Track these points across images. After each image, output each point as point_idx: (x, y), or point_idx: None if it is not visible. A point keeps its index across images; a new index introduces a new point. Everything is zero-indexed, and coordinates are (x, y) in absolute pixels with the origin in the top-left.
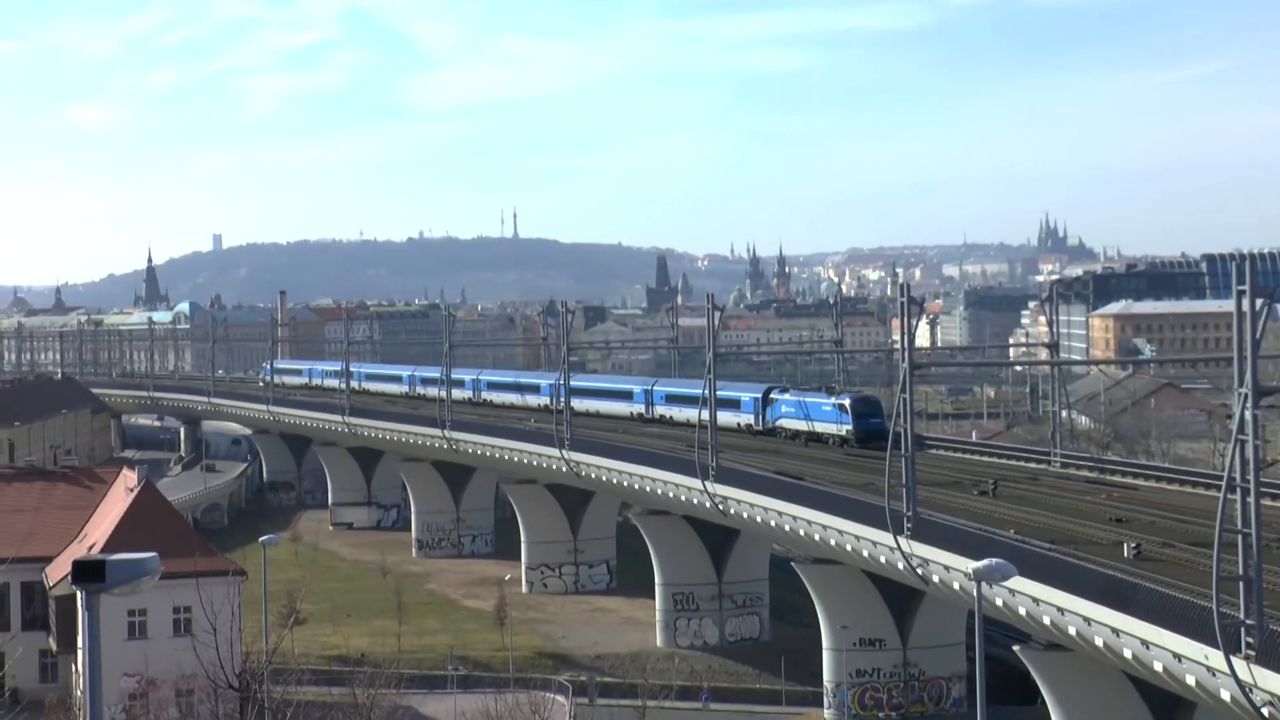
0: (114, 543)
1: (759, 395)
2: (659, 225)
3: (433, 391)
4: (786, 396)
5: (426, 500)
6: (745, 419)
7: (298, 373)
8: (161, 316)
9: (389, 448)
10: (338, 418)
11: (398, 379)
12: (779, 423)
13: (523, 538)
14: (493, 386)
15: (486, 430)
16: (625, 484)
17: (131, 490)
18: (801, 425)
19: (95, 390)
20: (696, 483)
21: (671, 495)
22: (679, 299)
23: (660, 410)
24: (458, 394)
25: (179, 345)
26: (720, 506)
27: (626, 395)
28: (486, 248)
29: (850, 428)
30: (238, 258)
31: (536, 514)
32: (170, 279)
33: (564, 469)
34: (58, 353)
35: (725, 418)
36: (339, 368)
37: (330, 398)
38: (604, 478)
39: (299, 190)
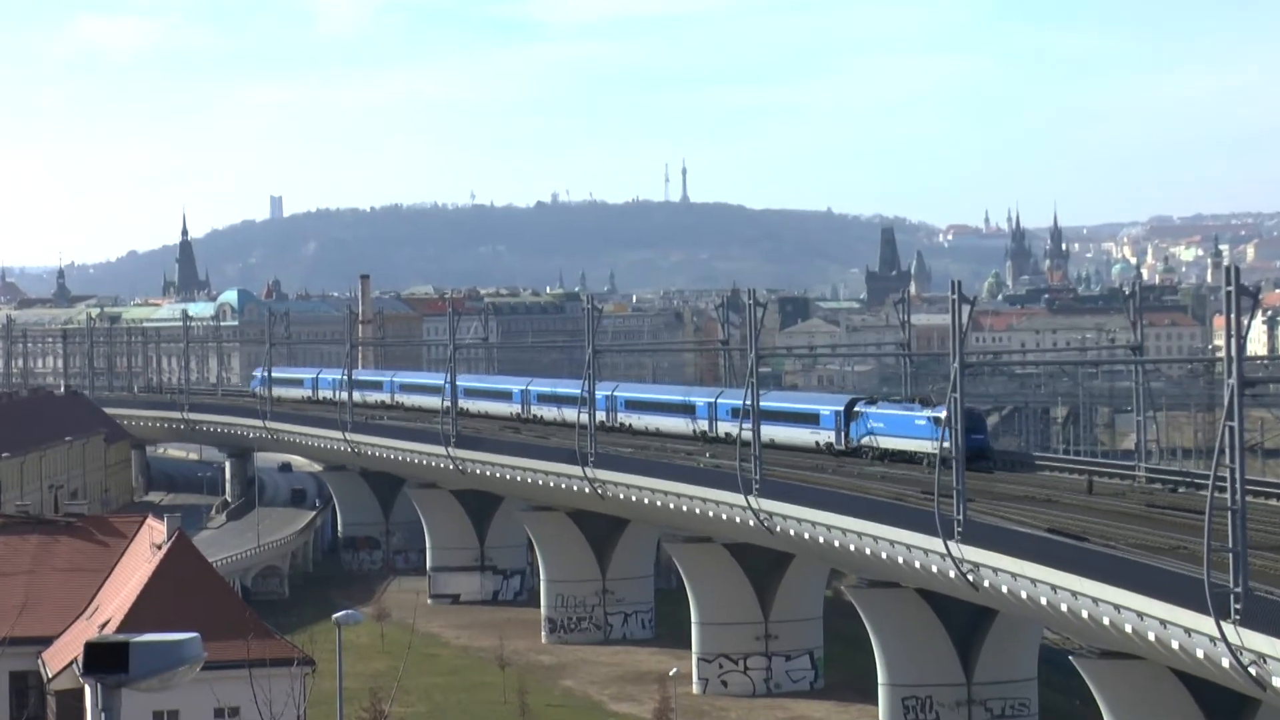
0: (136, 619)
1: (841, 408)
2: (886, 186)
3: (478, 406)
4: (874, 409)
5: (561, 565)
6: (825, 436)
7: (299, 383)
8: (200, 309)
9: (510, 491)
10: (440, 449)
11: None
12: (865, 440)
13: (694, 617)
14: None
15: (644, 469)
16: (836, 544)
17: (159, 547)
18: (891, 443)
19: (110, 410)
20: (936, 542)
21: (901, 560)
22: (912, 287)
23: (723, 427)
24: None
25: (224, 349)
26: (970, 577)
27: (688, 410)
28: (644, 216)
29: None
30: (304, 229)
31: (713, 585)
32: (212, 258)
33: (751, 522)
34: (60, 358)
35: (800, 435)
36: (368, 378)
37: (428, 421)
38: (806, 535)
39: (387, 138)
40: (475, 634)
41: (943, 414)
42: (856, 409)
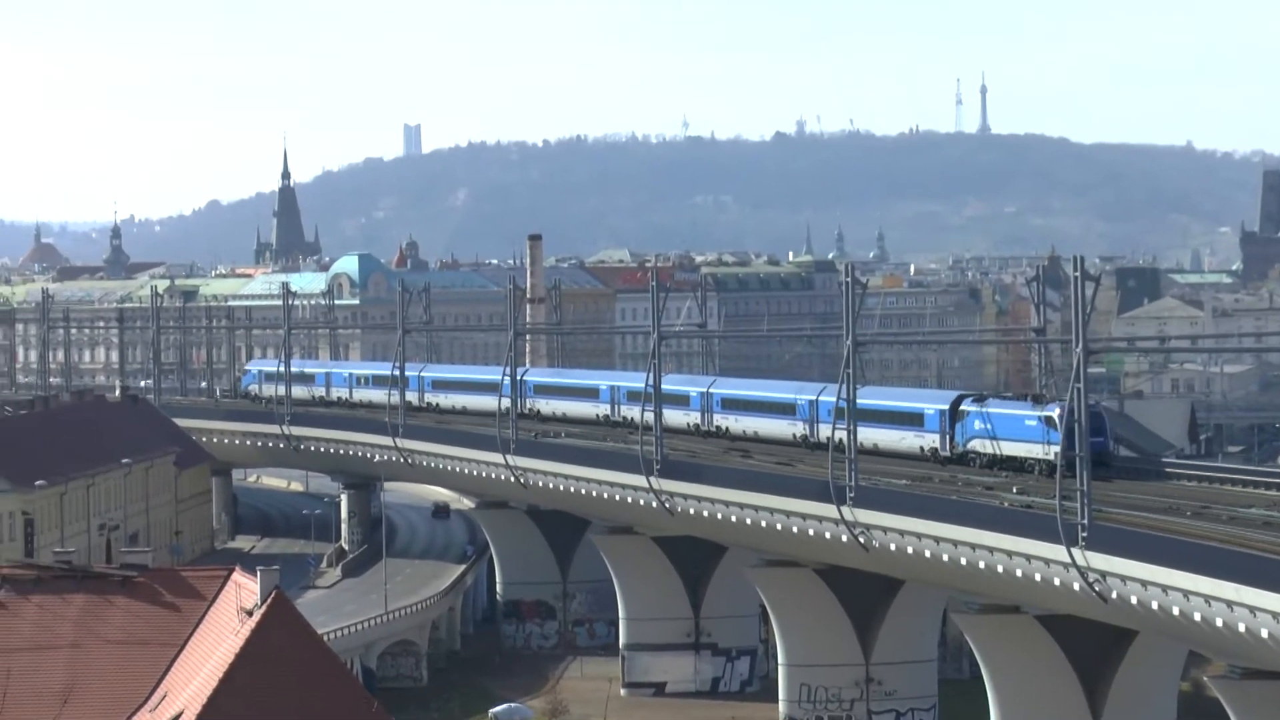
0: (218, 711)
1: (946, 407)
2: (1270, 110)
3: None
4: (982, 409)
5: (808, 643)
6: (929, 440)
7: (308, 379)
8: (308, 282)
9: (737, 539)
10: (638, 479)
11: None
12: (972, 445)
13: (995, 718)
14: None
15: (924, 508)
16: (1197, 617)
17: (249, 613)
18: (999, 447)
19: (183, 423)
20: None
21: None
22: None
23: (825, 431)
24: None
25: (337, 337)
26: None
27: (788, 409)
28: (924, 152)
29: (1061, 449)
30: (450, 172)
31: (1020, 673)
32: (323, 211)
33: (1076, 585)
34: (114, 349)
35: (901, 439)
36: (379, 371)
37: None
38: (1155, 604)
39: (568, 47)
40: None
41: (1056, 412)
42: (964, 408)
